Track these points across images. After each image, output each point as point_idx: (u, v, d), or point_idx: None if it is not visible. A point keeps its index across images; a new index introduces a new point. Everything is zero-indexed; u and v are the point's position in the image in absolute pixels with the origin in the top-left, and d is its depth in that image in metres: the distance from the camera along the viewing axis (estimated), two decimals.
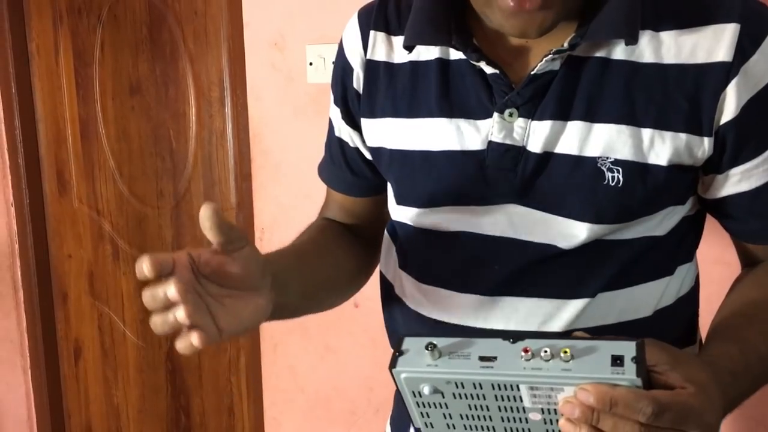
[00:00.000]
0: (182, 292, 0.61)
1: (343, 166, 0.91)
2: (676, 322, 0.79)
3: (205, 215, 0.63)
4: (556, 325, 0.74)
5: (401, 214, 0.82)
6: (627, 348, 0.57)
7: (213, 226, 0.63)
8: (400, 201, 0.82)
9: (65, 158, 2.38)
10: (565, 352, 0.57)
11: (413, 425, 0.68)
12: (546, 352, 0.58)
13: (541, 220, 0.73)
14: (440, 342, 0.62)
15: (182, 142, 2.20)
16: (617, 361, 0.56)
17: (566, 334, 0.65)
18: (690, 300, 0.82)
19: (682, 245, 0.79)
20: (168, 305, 0.62)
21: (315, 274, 0.84)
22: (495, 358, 0.59)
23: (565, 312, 0.74)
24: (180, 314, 0.62)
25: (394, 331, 0.89)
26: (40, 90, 2.37)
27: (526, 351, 0.58)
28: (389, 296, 0.88)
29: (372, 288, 0.95)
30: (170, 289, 0.61)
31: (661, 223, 0.74)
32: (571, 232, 0.72)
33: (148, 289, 0.63)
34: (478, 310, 0.76)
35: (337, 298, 0.91)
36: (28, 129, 2.38)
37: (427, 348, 0.61)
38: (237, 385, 2.28)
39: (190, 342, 0.63)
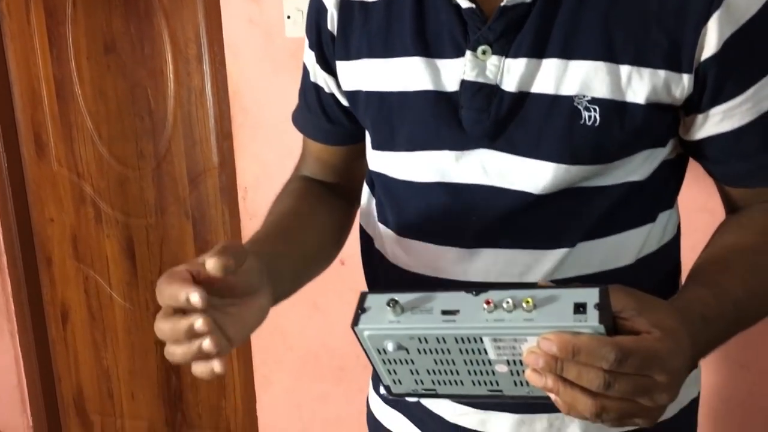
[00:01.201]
0: (210, 325, 0.59)
1: (318, 113, 0.88)
2: (658, 270, 0.79)
3: (214, 270, 0.60)
4: (536, 276, 0.73)
5: (378, 162, 0.81)
6: (590, 295, 0.56)
7: (223, 270, 0.61)
8: (376, 146, 0.80)
9: (42, 120, 2.33)
10: (527, 302, 0.56)
11: (382, 383, 0.67)
12: (508, 303, 0.56)
13: (516, 164, 0.71)
14: (402, 297, 0.60)
15: (160, 101, 2.15)
16: (580, 308, 0.55)
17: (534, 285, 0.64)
18: (672, 248, 0.81)
19: (663, 191, 0.77)
20: (190, 335, 0.60)
21: (303, 251, 0.83)
22: (457, 311, 0.58)
23: (545, 262, 0.73)
24: (207, 344, 0.60)
25: (374, 286, 0.88)
26: (13, 51, 2.31)
27: (488, 303, 0.57)
28: (369, 250, 0.88)
29: (357, 245, 0.94)
30: (198, 322, 0.59)
31: (640, 167, 0.72)
32: (547, 176, 0.70)
33: (165, 321, 0.61)
34: (456, 263, 0.75)
35: (325, 265, 0.90)
36: (2, 90, 2.32)
37: (388, 304, 0.60)
38: None
39: (211, 368, 0.61)
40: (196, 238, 2.24)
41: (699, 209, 1.23)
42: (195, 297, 0.59)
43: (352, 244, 0.93)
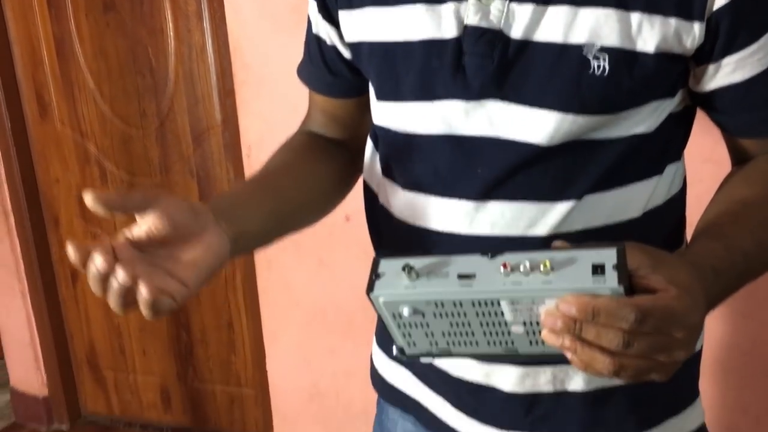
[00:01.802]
0: (109, 260, 0.62)
1: (321, 65, 0.88)
2: (664, 223, 0.78)
3: (91, 205, 0.64)
4: (542, 230, 0.72)
5: (382, 115, 0.80)
6: (607, 255, 0.55)
7: (102, 207, 0.64)
8: (381, 96, 0.80)
9: (43, 79, 2.31)
10: (545, 264, 0.56)
11: (395, 345, 0.68)
12: (525, 266, 0.56)
13: (522, 115, 0.70)
14: (417, 262, 0.60)
15: (162, 59, 2.13)
16: (598, 269, 0.55)
17: (550, 240, 0.64)
18: (679, 201, 0.81)
19: (670, 143, 0.76)
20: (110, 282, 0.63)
21: (283, 196, 0.83)
22: (474, 275, 0.58)
23: (551, 215, 0.72)
24: (120, 275, 0.62)
25: (378, 242, 0.88)
26: (11, 10, 2.28)
27: (505, 266, 0.57)
28: (373, 206, 0.87)
29: (362, 201, 0.94)
30: (97, 260, 0.62)
31: (648, 118, 0.72)
32: (554, 127, 0.69)
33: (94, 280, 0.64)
34: (462, 216, 0.74)
35: (318, 214, 0.90)
36: (3, 50, 2.30)
37: (403, 269, 0.60)
38: (234, 301, 2.31)
39: (143, 296, 0.62)
40: (201, 196, 2.24)
41: (704, 160, 1.22)
42: (98, 260, 0.62)
43: (357, 201, 0.93)
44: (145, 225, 0.65)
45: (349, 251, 1.87)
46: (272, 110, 1.89)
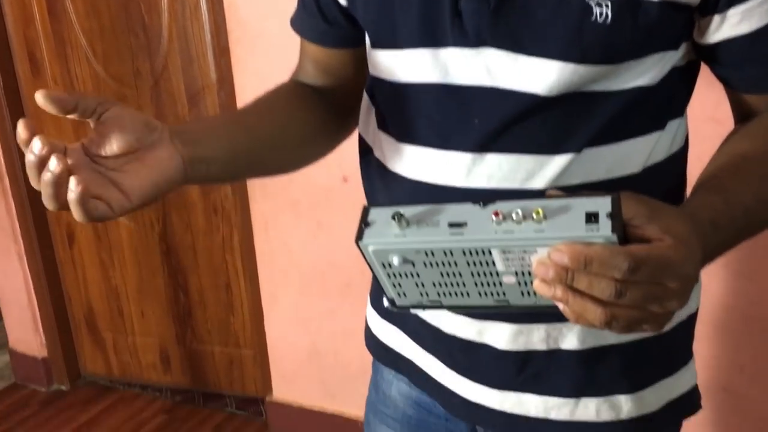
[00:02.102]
0: (48, 149, 0.63)
1: (316, 13, 0.85)
2: (665, 180, 0.77)
3: (42, 103, 0.65)
4: (539, 183, 0.71)
5: (379, 65, 0.79)
6: (602, 204, 0.54)
7: (53, 106, 0.65)
8: (376, 44, 0.78)
9: (35, 37, 2.27)
10: (538, 212, 0.54)
11: (386, 296, 0.67)
12: (517, 214, 0.55)
13: (521, 64, 0.68)
14: (407, 210, 0.59)
15: (155, 16, 2.09)
16: (592, 218, 0.53)
17: (544, 193, 0.62)
18: (680, 159, 0.79)
19: (672, 98, 0.75)
20: (55, 180, 0.63)
21: (256, 133, 0.82)
22: (465, 223, 0.57)
23: (549, 168, 0.71)
24: (53, 164, 0.62)
25: (373, 196, 0.87)
26: None
27: (496, 214, 0.56)
28: (368, 160, 0.86)
29: (358, 162, 0.93)
30: (35, 144, 0.64)
31: (650, 70, 0.70)
32: (554, 76, 0.67)
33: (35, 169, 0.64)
34: (458, 168, 0.73)
35: (296, 161, 0.88)
36: None
37: (393, 218, 0.58)
38: (232, 263, 2.31)
39: (72, 189, 0.62)
40: None
41: (707, 119, 1.21)
42: (59, 143, 0.64)
43: (355, 162, 0.92)
44: (96, 132, 0.66)
45: (347, 213, 1.87)
46: (269, 68, 1.86)
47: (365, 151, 0.87)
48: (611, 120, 0.70)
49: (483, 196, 0.67)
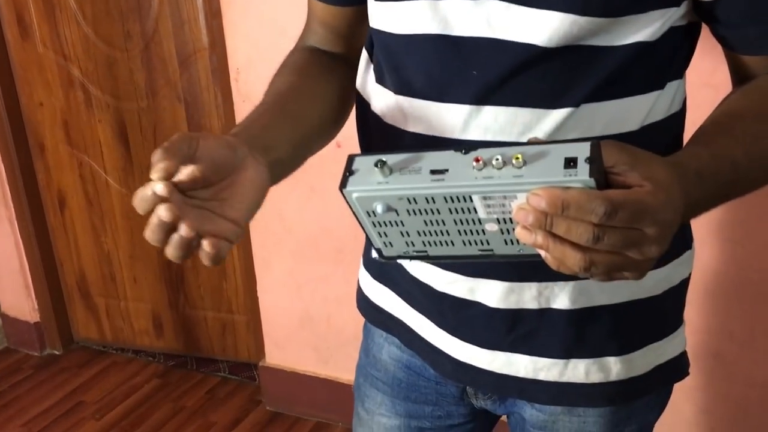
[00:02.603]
0: (174, 212, 0.59)
1: None
2: (662, 140, 0.77)
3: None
4: (536, 136, 0.70)
5: (379, 17, 0.78)
6: (581, 149, 0.54)
7: (172, 163, 0.60)
8: None
9: (23, 0, 2.24)
10: (517, 158, 0.54)
11: (373, 247, 0.67)
12: (497, 160, 0.55)
13: (522, 15, 0.68)
14: (390, 158, 0.59)
15: None
16: (570, 163, 0.53)
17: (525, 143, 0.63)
18: (678, 119, 0.79)
19: (672, 58, 0.75)
20: (169, 229, 0.60)
21: (300, 120, 0.81)
22: (446, 170, 0.57)
23: (546, 122, 0.70)
24: (183, 229, 0.59)
25: (369, 149, 0.87)
26: None
27: (477, 161, 0.56)
28: (365, 116, 0.85)
29: (352, 127, 0.92)
30: (161, 210, 0.59)
31: (650, 26, 0.69)
32: (555, 26, 0.67)
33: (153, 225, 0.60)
34: (456, 120, 0.72)
35: (330, 135, 0.88)
36: None
37: (376, 165, 0.59)
38: None
39: (207, 251, 0.60)
40: (189, 121, 2.20)
41: (703, 85, 1.20)
42: (159, 187, 0.59)
43: (349, 128, 0.91)
44: (188, 169, 0.61)
45: (339, 178, 1.86)
46: (261, 32, 1.84)
47: (362, 106, 0.86)
48: (610, 75, 0.70)
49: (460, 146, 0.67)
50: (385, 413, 0.96)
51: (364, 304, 0.96)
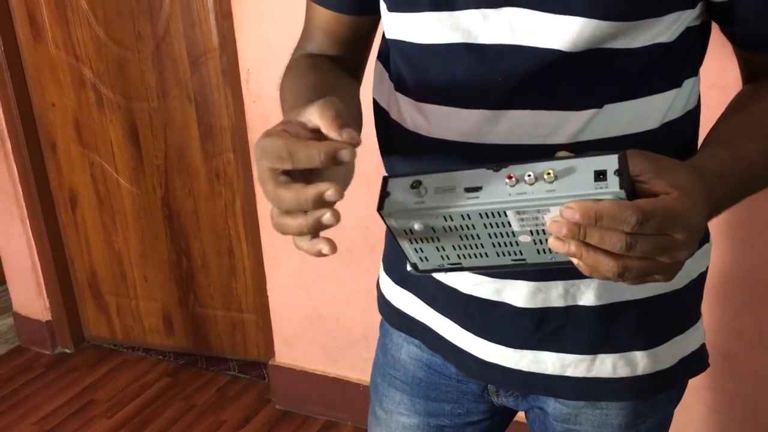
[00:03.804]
0: (340, 194, 0.57)
1: None
2: (680, 135, 0.79)
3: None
4: (561, 138, 0.72)
5: (397, 27, 0.78)
6: (609, 162, 0.56)
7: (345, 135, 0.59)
8: (395, 8, 0.77)
9: (35, 1, 2.25)
10: (548, 173, 0.57)
11: (408, 262, 0.69)
12: (530, 176, 0.58)
13: (544, 21, 0.69)
14: (425, 179, 0.62)
15: None
16: (600, 176, 0.56)
17: (569, 148, 0.64)
18: (695, 115, 0.81)
19: (688, 57, 0.76)
20: (317, 205, 0.58)
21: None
22: (480, 188, 0.60)
23: (571, 124, 0.72)
24: (328, 218, 0.58)
25: (389, 160, 0.87)
26: None
27: (510, 177, 0.58)
28: (386, 123, 0.85)
29: (362, 129, 0.92)
30: (330, 191, 0.57)
31: (668, 29, 0.71)
32: (577, 31, 0.68)
33: (286, 189, 0.58)
34: (480, 125, 0.73)
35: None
36: None
37: (412, 186, 0.62)
38: (234, 228, 2.32)
39: (320, 249, 0.60)
40: (199, 122, 2.22)
41: (712, 85, 1.20)
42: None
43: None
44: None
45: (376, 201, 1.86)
46: (271, 33, 1.85)
47: (381, 114, 0.87)
48: (632, 76, 0.71)
49: (505, 153, 0.67)
50: (404, 412, 0.96)
51: (386, 308, 0.96)
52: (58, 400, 2.40)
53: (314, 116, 0.61)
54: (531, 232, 0.60)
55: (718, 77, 1.20)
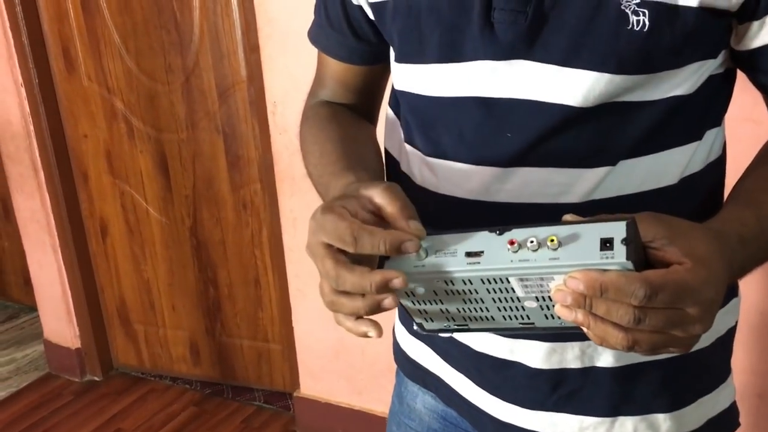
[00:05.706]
0: (405, 281, 0.59)
1: (344, 28, 0.83)
2: (702, 190, 0.75)
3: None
4: (573, 197, 0.69)
5: (405, 79, 0.77)
6: (616, 229, 0.53)
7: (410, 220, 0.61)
8: (404, 59, 0.76)
9: (69, 34, 2.31)
10: (552, 240, 0.54)
11: (414, 321, 0.67)
12: (532, 242, 0.55)
13: (555, 75, 0.66)
14: (425, 241, 0.60)
15: (186, 13, 2.11)
16: (606, 244, 0.53)
17: (581, 208, 0.61)
18: (717, 167, 0.77)
19: (710, 107, 0.72)
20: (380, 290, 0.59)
21: (369, 165, 0.81)
22: (481, 252, 0.57)
23: (583, 182, 0.68)
24: (389, 302, 0.59)
25: None
26: None
27: (512, 243, 0.56)
28: (395, 173, 0.84)
29: None
30: (388, 301, 0.59)
31: (688, 80, 0.68)
32: (589, 87, 0.65)
33: (351, 273, 0.59)
34: (489, 183, 0.71)
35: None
36: (29, 6, 2.29)
37: None
38: (261, 258, 2.32)
39: (366, 332, 0.62)
40: (227, 152, 2.24)
41: (744, 119, 1.18)
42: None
43: None
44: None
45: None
46: (297, 66, 1.86)
47: (392, 165, 0.85)
48: (648, 131, 0.68)
49: (515, 212, 0.65)
50: None
51: (401, 358, 0.94)
52: (86, 428, 2.40)
53: (379, 200, 0.62)
54: (536, 297, 0.58)
55: (750, 111, 1.17)
